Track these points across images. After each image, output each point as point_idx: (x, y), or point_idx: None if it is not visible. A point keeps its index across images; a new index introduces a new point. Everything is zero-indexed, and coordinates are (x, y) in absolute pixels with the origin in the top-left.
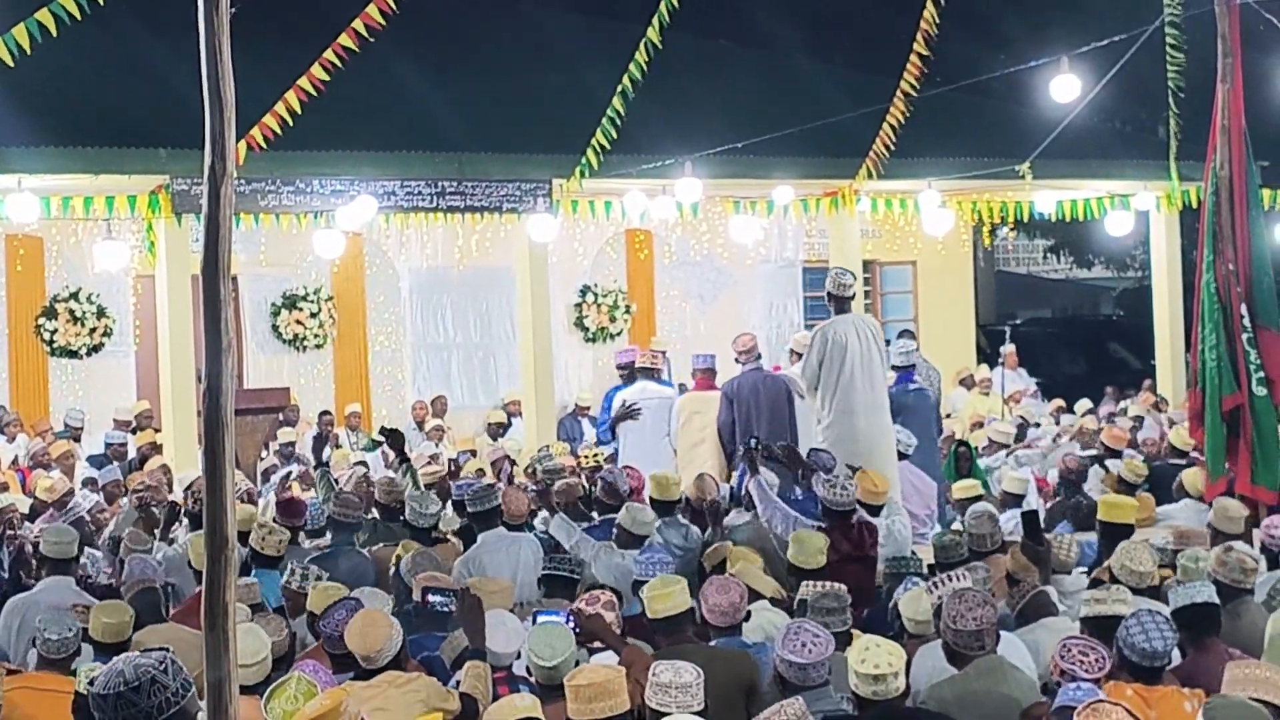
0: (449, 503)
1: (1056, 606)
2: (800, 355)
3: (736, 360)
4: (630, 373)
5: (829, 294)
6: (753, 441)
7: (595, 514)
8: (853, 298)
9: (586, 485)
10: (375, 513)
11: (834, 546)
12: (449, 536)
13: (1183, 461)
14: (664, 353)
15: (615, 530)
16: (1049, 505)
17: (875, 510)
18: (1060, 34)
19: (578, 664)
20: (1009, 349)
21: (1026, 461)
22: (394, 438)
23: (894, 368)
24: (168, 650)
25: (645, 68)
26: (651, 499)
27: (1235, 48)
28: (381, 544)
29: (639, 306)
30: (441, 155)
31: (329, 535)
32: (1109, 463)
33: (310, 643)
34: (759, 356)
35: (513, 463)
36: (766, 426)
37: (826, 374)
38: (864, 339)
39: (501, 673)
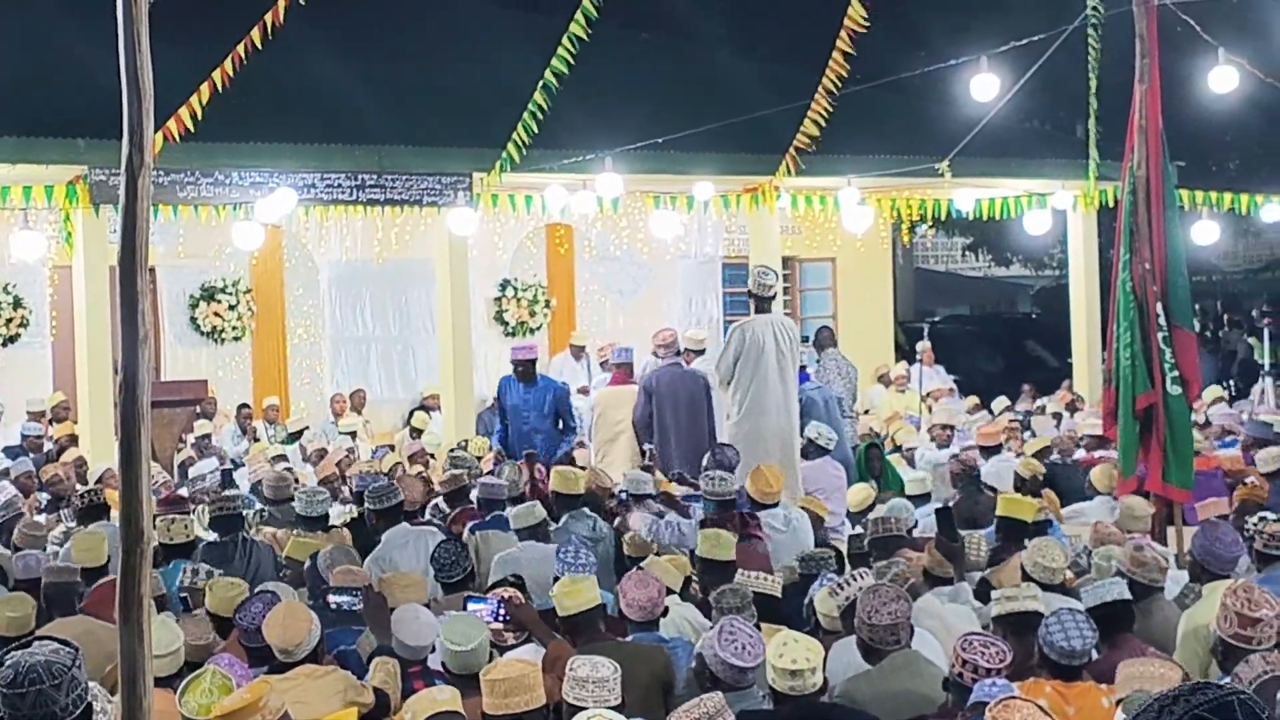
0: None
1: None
2: (695, 352)
3: (654, 354)
4: (528, 369)
5: (750, 293)
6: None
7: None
8: (774, 297)
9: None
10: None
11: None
12: (335, 524)
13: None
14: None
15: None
16: (953, 504)
17: (768, 508)
18: (980, 33)
19: (492, 656)
20: (924, 345)
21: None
22: None
23: None
24: (72, 644)
25: (567, 61)
26: (555, 493)
27: (1153, 48)
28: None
29: (559, 301)
30: (361, 148)
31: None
32: (991, 461)
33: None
34: (679, 352)
35: (431, 457)
36: (685, 422)
37: (741, 371)
38: (781, 342)
39: (416, 667)
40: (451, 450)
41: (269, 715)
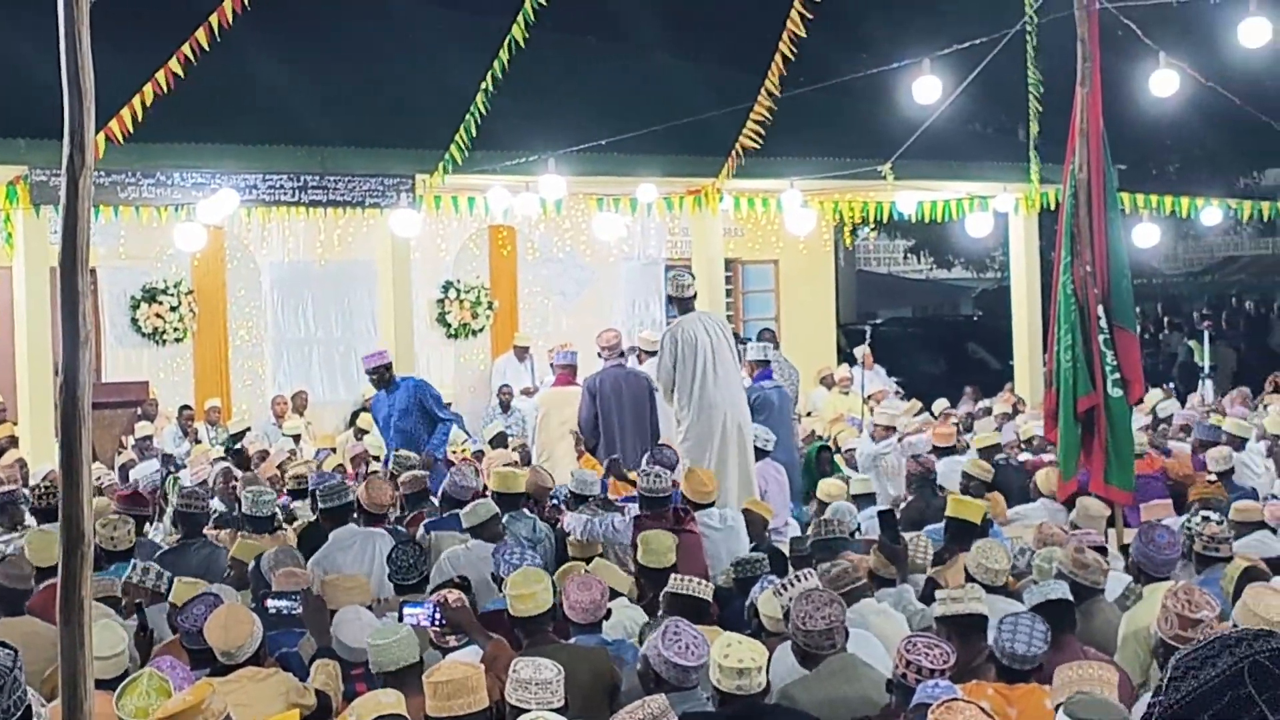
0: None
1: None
2: (649, 353)
3: (600, 355)
4: (382, 375)
5: (670, 297)
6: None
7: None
8: (694, 297)
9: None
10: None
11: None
12: (284, 526)
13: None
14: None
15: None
16: (903, 505)
17: (704, 507)
18: (922, 35)
19: (423, 656)
20: (863, 351)
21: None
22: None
23: (753, 363)
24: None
25: (508, 63)
26: (495, 494)
27: (1094, 51)
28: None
29: (501, 303)
30: (304, 149)
31: (179, 530)
32: (943, 461)
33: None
34: (623, 353)
35: (375, 459)
36: (630, 422)
37: (681, 374)
38: (713, 334)
39: (359, 669)
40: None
41: (211, 717)
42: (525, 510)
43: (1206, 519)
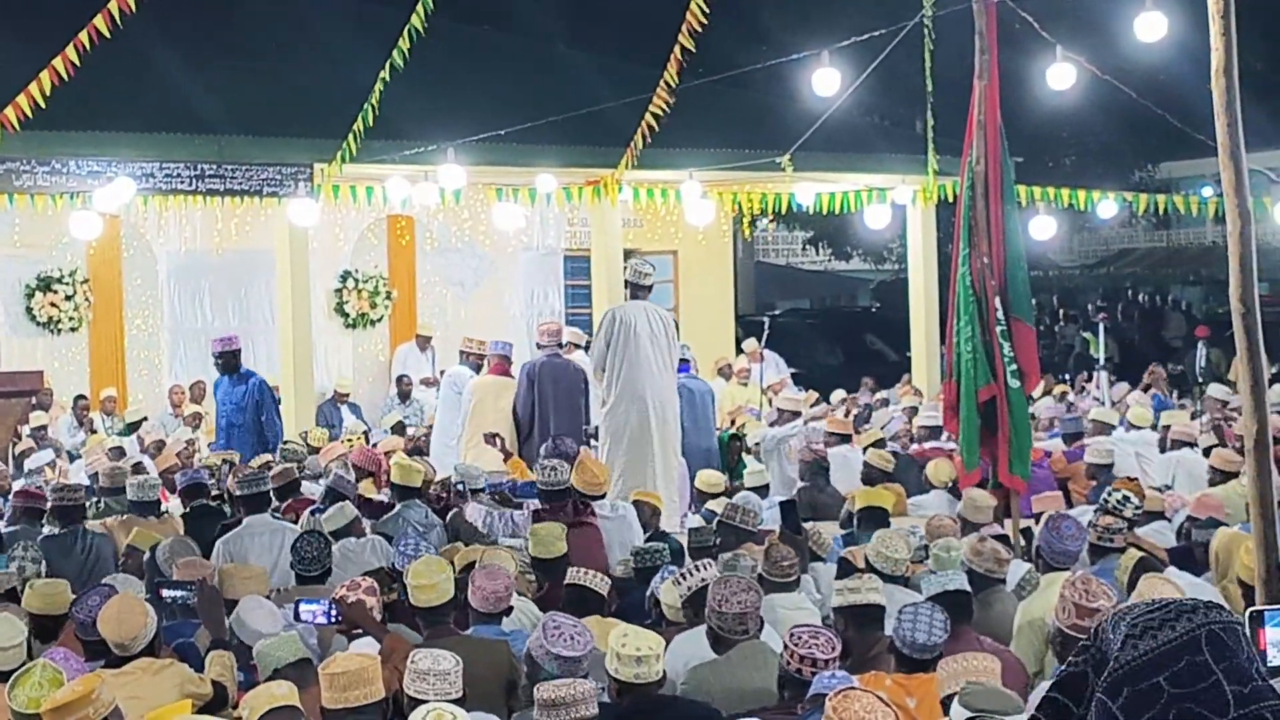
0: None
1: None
2: (577, 347)
3: (538, 344)
4: (229, 360)
5: (627, 281)
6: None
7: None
8: (650, 287)
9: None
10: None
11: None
12: (167, 512)
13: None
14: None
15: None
16: (796, 492)
17: (595, 499)
18: (821, 28)
19: (325, 653)
20: (751, 345)
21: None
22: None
23: None
24: None
25: (407, 52)
26: (393, 484)
27: (992, 45)
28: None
29: (400, 293)
30: (201, 137)
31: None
32: (842, 449)
33: None
34: (560, 344)
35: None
36: (565, 411)
37: (613, 357)
38: (654, 326)
39: None
40: (284, 441)
41: (100, 709)
42: (417, 501)
43: (1127, 499)
